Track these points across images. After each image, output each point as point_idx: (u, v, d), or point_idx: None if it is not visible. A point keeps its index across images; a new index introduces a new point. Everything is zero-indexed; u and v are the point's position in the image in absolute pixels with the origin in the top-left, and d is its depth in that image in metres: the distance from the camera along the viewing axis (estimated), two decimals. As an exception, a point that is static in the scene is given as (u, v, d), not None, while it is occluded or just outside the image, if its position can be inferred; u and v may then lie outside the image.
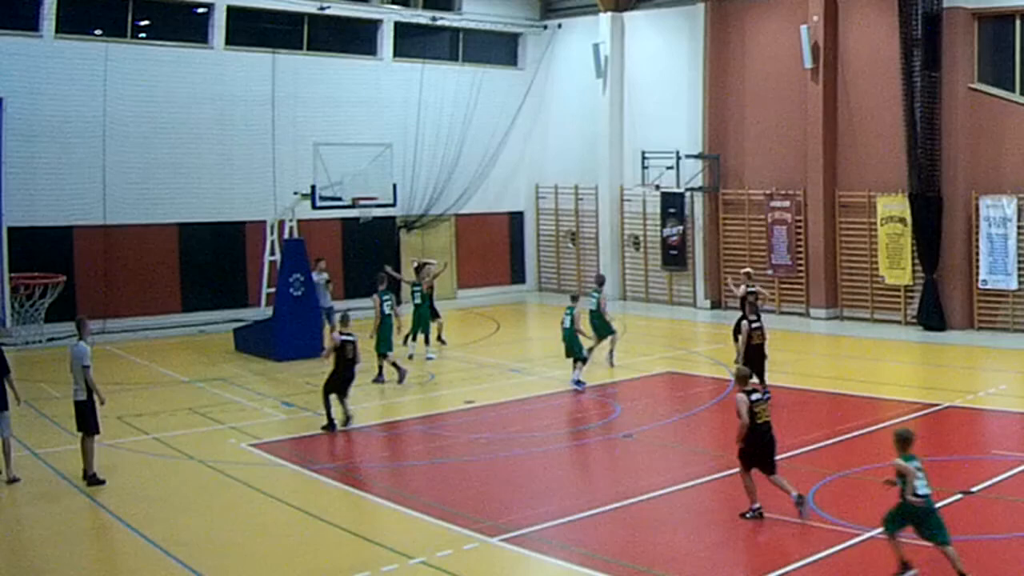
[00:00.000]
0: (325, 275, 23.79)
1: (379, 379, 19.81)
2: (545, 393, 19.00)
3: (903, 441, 10.13)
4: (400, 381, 19.63)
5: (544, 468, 14.69)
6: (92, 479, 13.58)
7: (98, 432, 13.89)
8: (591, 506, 12.57)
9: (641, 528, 12.05)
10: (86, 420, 13.77)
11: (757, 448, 11.82)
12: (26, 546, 11.81)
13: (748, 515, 11.86)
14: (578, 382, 18.95)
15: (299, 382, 20.28)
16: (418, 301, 22.55)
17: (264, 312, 24.93)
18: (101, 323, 25.16)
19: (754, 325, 17.32)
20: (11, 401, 14.05)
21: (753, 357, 16.98)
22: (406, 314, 22.41)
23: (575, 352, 19.15)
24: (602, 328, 20.69)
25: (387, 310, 20.11)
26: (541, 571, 10.86)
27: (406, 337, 22.37)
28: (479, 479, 14.28)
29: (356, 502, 13.04)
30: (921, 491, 9.92)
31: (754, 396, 11.91)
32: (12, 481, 13.80)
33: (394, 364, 19.86)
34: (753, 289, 20.58)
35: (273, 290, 23.74)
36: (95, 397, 13.79)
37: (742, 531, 11.76)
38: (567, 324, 19.19)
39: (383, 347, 19.90)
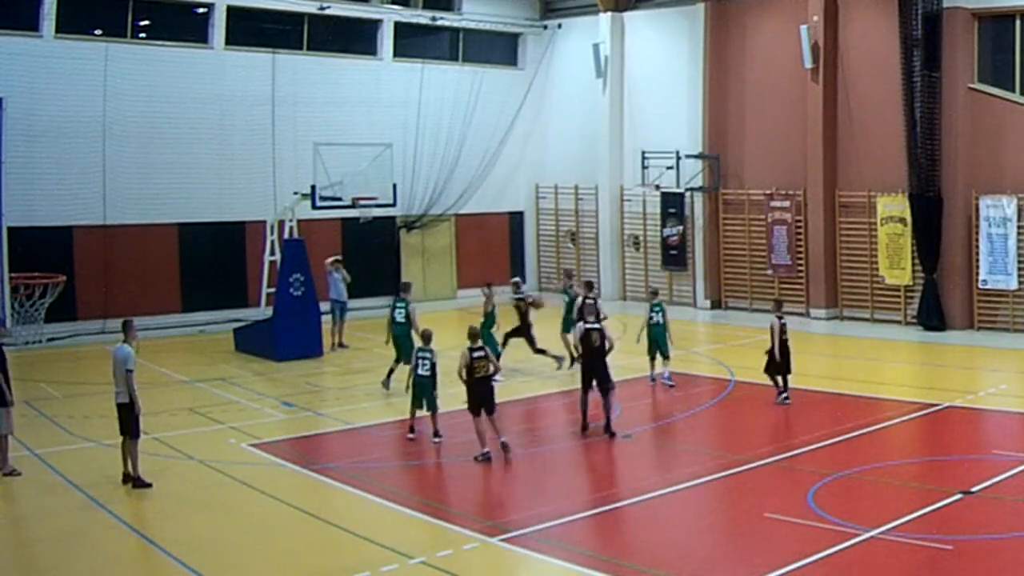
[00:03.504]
0: (344, 271, 23.71)
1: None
2: (545, 393, 19.00)
3: (423, 337, 15.49)
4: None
5: (544, 468, 14.70)
6: (137, 482, 13.42)
7: (139, 436, 13.57)
8: (591, 506, 12.58)
9: (641, 528, 12.06)
10: (127, 423, 13.48)
11: (477, 396, 14.48)
12: (26, 546, 11.83)
13: (479, 458, 14.34)
14: (669, 377, 19.10)
15: (299, 382, 20.30)
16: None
17: (264, 312, 24.94)
18: (101, 323, 25.19)
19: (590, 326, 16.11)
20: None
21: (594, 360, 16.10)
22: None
23: (663, 349, 19.19)
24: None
25: (399, 318, 19.04)
26: (541, 571, 10.85)
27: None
28: (479, 479, 14.29)
29: (356, 502, 13.02)
30: (421, 372, 15.23)
31: (475, 354, 14.52)
32: (10, 474, 13.81)
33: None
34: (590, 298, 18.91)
35: (273, 290, 23.74)
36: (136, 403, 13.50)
37: (742, 531, 11.78)
38: (660, 321, 19.17)
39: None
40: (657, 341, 19.21)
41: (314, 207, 24.05)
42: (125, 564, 11.17)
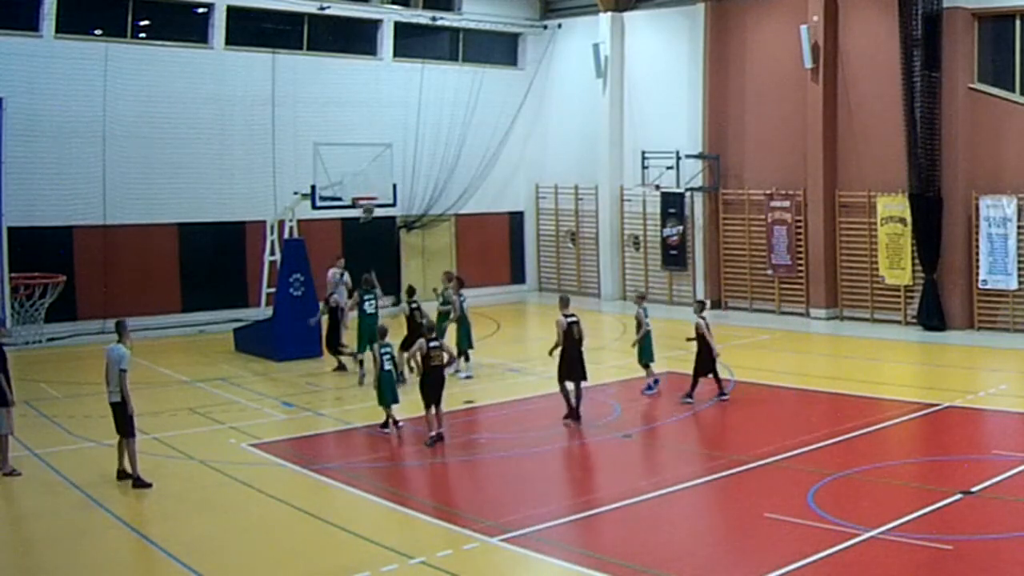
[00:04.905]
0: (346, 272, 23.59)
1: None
2: (545, 393, 18.97)
3: (379, 333, 16.53)
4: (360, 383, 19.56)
5: (544, 468, 14.69)
6: (137, 481, 13.41)
7: (134, 435, 13.57)
8: (591, 506, 12.58)
9: (641, 528, 12.06)
10: (122, 423, 13.48)
11: (430, 385, 15.20)
12: (26, 546, 11.82)
13: (429, 443, 15.13)
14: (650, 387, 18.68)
15: (299, 382, 20.30)
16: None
17: (264, 312, 24.94)
18: (101, 323, 25.15)
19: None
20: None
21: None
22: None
23: (650, 357, 18.73)
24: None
25: (369, 309, 19.73)
26: (541, 571, 10.85)
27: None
28: (479, 479, 14.29)
29: (356, 502, 13.03)
30: (386, 367, 15.73)
31: (432, 344, 15.25)
32: (10, 474, 13.81)
33: (359, 362, 19.86)
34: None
35: (273, 290, 23.74)
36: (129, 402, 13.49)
37: (742, 531, 11.78)
38: (650, 326, 18.67)
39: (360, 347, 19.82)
40: (649, 346, 18.68)
41: (314, 207, 24.06)
42: (125, 564, 11.18)
